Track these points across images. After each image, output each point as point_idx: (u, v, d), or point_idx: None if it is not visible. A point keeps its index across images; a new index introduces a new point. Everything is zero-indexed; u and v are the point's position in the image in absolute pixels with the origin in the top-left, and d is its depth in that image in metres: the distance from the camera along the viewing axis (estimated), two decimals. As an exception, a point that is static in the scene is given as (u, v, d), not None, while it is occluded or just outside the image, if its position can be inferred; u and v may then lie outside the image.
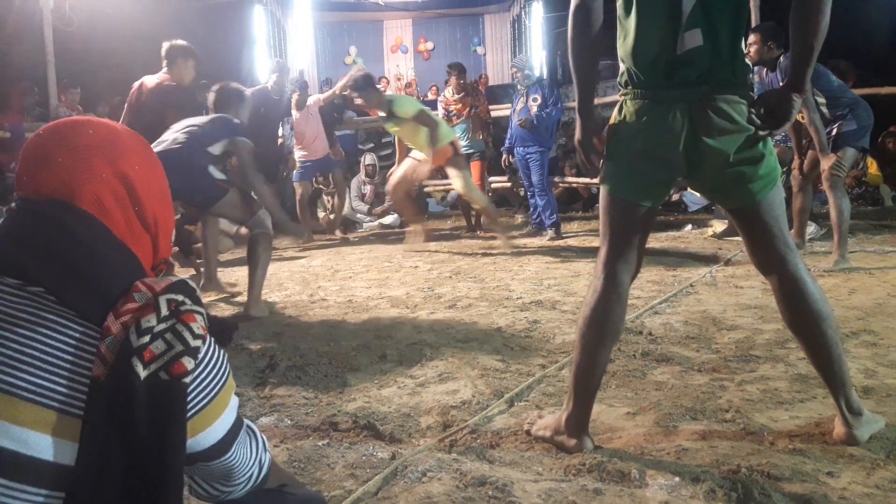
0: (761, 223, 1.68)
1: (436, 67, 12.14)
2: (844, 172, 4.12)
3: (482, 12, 12.26)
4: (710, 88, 1.60)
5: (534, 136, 6.08)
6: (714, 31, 1.59)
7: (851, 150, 4.04)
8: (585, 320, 1.74)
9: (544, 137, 6.13)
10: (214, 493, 0.97)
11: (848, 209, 4.06)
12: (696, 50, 1.59)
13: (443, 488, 1.58)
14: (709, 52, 1.59)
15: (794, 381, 2.19)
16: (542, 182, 6.13)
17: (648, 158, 1.67)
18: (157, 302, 0.80)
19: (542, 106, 6.02)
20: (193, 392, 0.82)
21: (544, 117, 6.01)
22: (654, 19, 1.62)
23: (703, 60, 1.59)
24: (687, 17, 1.58)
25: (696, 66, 1.60)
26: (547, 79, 6.44)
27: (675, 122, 1.61)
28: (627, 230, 1.73)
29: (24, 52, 7.09)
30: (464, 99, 6.57)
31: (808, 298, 1.67)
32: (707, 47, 1.58)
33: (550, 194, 6.21)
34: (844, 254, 4.03)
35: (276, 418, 2.10)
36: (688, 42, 1.59)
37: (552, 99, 6.04)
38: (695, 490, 1.53)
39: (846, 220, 4.03)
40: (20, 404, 0.74)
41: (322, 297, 3.96)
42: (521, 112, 6.11)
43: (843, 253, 4.02)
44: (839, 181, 4.07)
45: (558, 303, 3.46)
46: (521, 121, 6.08)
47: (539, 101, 6.03)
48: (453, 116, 6.60)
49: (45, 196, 0.86)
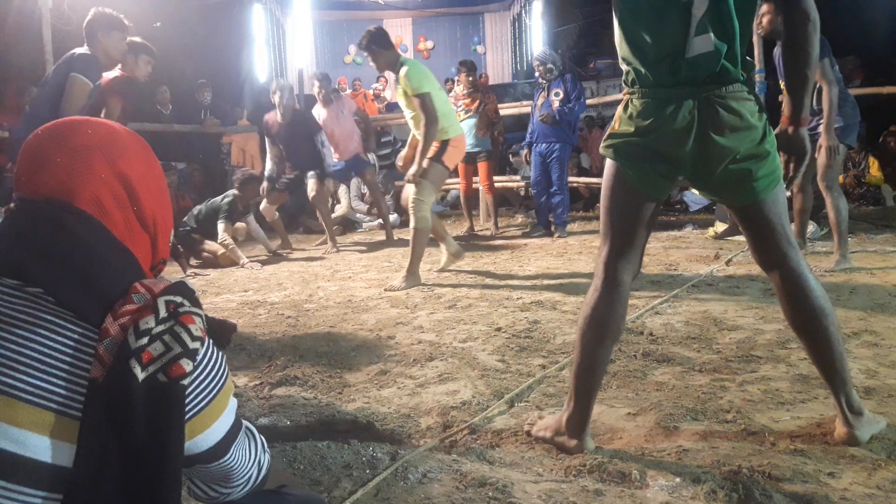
0: (764, 221, 1.68)
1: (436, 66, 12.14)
2: (837, 170, 4.10)
3: (482, 11, 12.27)
4: (718, 86, 1.60)
5: (556, 131, 5.97)
6: (727, 36, 1.58)
7: (840, 146, 4.03)
8: (586, 320, 1.73)
9: (567, 133, 6.03)
10: (213, 495, 0.96)
11: (846, 208, 4.05)
12: (706, 55, 1.58)
13: (443, 489, 1.57)
14: (719, 57, 1.58)
15: (796, 382, 2.18)
16: (563, 179, 6.04)
17: (654, 155, 1.66)
18: (156, 303, 0.80)
19: (565, 101, 5.92)
20: (192, 394, 0.82)
21: (566, 112, 5.90)
22: (662, 22, 1.61)
23: (713, 64, 1.59)
24: (698, 22, 1.57)
25: (705, 68, 1.59)
26: (569, 73, 6.25)
27: (682, 120, 1.60)
28: (629, 228, 1.72)
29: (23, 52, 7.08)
30: (473, 94, 6.54)
31: (810, 294, 1.67)
32: (718, 52, 1.58)
33: (567, 192, 6.13)
34: (846, 253, 4.02)
35: (275, 419, 2.09)
36: (697, 47, 1.58)
37: (575, 94, 5.94)
38: (696, 491, 1.52)
39: (844, 219, 4.02)
40: (18, 406, 0.74)
41: (322, 296, 3.96)
42: (543, 107, 6.00)
43: (845, 253, 4.02)
44: (834, 181, 4.06)
45: (558, 303, 3.46)
46: (542, 116, 5.96)
47: (561, 95, 5.93)
48: (462, 111, 6.58)
49: (43, 196, 0.85)
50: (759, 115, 1.64)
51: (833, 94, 3.90)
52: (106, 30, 3.56)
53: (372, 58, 4.30)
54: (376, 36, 4.25)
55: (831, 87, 3.89)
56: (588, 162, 9.51)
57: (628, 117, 1.69)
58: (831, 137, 3.95)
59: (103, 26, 3.55)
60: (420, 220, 4.09)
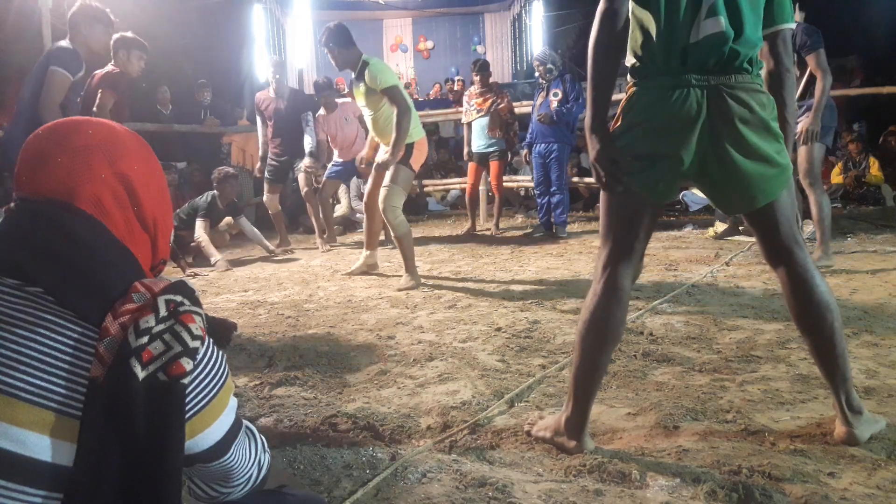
0: (774, 221, 1.68)
1: (436, 66, 12.16)
2: (819, 168, 4.11)
3: (482, 11, 12.28)
4: (727, 75, 1.59)
5: (554, 131, 6.00)
6: (738, 22, 1.58)
7: (819, 144, 4.03)
8: (585, 324, 1.72)
9: (565, 133, 6.06)
10: (213, 494, 0.96)
11: (828, 205, 4.08)
12: (714, 37, 1.57)
13: (443, 489, 1.57)
14: (727, 40, 1.57)
15: (796, 382, 2.18)
16: (562, 179, 6.07)
17: (657, 154, 1.63)
18: (156, 303, 0.80)
19: (563, 101, 5.95)
20: (192, 393, 0.82)
21: (564, 112, 5.94)
22: (671, 7, 1.60)
23: (720, 46, 1.57)
24: (709, 6, 1.57)
25: (713, 52, 1.58)
26: (569, 73, 6.27)
27: (690, 108, 1.58)
28: (629, 231, 1.70)
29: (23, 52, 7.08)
30: (485, 94, 6.55)
31: (816, 290, 1.67)
32: (726, 35, 1.57)
33: (566, 192, 6.16)
34: (827, 251, 4.03)
35: (275, 419, 2.09)
36: (706, 28, 1.57)
37: (573, 94, 5.97)
38: (695, 491, 1.52)
39: (827, 216, 4.04)
40: (18, 405, 0.74)
41: (321, 296, 3.96)
42: (542, 107, 6.04)
43: (826, 250, 4.03)
44: (817, 178, 4.08)
45: (558, 303, 3.46)
46: (540, 116, 6.00)
47: (560, 95, 5.96)
48: (474, 111, 6.59)
49: (44, 196, 0.86)
50: (770, 109, 1.63)
51: (827, 82, 3.93)
52: (89, 22, 3.46)
53: (332, 55, 4.21)
54: (335, 33, 4.15)
55: (825, 75, 3.92)
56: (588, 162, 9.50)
57: (631, 111, 1.66)
58: (815, 122, 3.96)
59: (87, 19, 3.46)
60: (399, 226, 4.08)
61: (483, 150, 6.57)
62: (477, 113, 6.55)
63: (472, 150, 6.68)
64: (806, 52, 3.92)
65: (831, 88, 4.06)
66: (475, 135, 6.63)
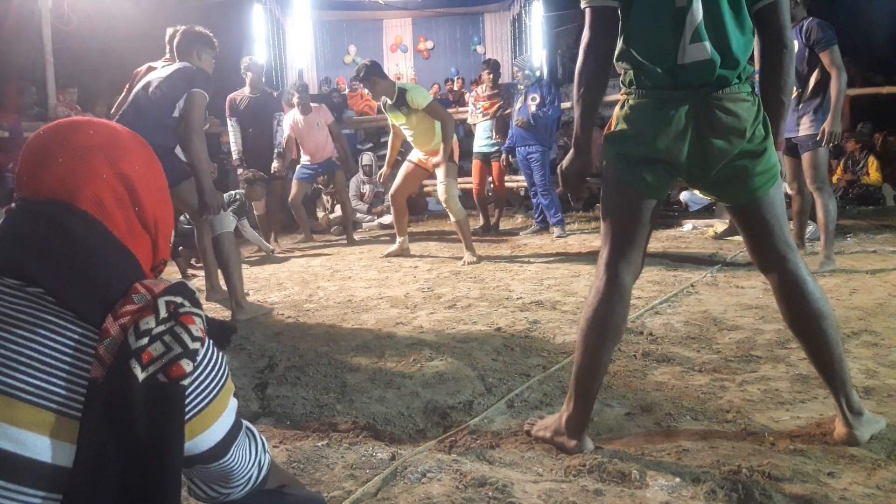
0: (762, 221, 1.68)
1: (436, 66, 12.14)
2: (825, 170, 4.09)
3: (482, 11, 12.24)
4: (715, 89, 1.61)
5: (533, 135, 6.12)
6: (724, 45, 1.59)
7: (823, 150, 3.99)
8: (587, 321, 1.73)
9: (544, 136, 6.17)
10: (214, 495, 0.96)
11: (834, 210, 4.04)
12: (701, 63, 1.59)
13: (443, 489, 1.58)
14: (714, 66, 1.59)
15: (795, 382, 2.18)
16: (545, 181, 6.16)
17: (651, 156, 1.66)
18: (156, 304, 0.80)
19: (541, 105, 6.07)
20: (192, 394, 0.82)
21: (541, 116, 6.06)
22: (656, 27, 1.61)
23: (708, 72, 1.60)
24: (693, 30, 1.58)
25: (701, 75, 1.61)
26: (546, 78, 6.44)
27: (679, 123, 1.62)
28: (629, 229, 1.72)
29: (23, 52, 7.08)
30: (493, 97, 6.59)
31: (809, 297, 1.67)
32: (713, 62, 1.59)
33: (554, 193, 6.23)
34: (830, 255, 4.02)
35: (275, 419, 2.10)
36: (691, 54, 1.59)
37: (550, 98, 6.09)
38: (695, 491, 1.52)
39: (833, 220, 4.01)
40: (18, 405, 0.74)
41: (321, 296, 3.96)
42: (520, 112, 6.16)
43: (829, 254, 4.01)
44: (825, 182, 4.04)
45: (558, 303, 3.46)
46: (518, 120, 6.14)
47: (538, 100, 6.08)
48: (479, 114, 6.63)
49: (45, 196, 0.86)
50: (757, 113, 1.64)
51: (843, 80, 3.82)
52: (202, 48, 3.51)
53: (370, 87, 4.78)
54: (372, 69, 4.74)
55: (840, 73, 3.80)
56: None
57: (625, 118, 1.69)
58: (835, 124, 3.85)
59: (200, 45, 3.51)
60: (458, 212, 4.85)
61: (487, 151, 6.61)
62: (482, 116, 6.61)
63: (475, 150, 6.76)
64: (820, 48, 3.82)
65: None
66: (478, 135, 6.72)
